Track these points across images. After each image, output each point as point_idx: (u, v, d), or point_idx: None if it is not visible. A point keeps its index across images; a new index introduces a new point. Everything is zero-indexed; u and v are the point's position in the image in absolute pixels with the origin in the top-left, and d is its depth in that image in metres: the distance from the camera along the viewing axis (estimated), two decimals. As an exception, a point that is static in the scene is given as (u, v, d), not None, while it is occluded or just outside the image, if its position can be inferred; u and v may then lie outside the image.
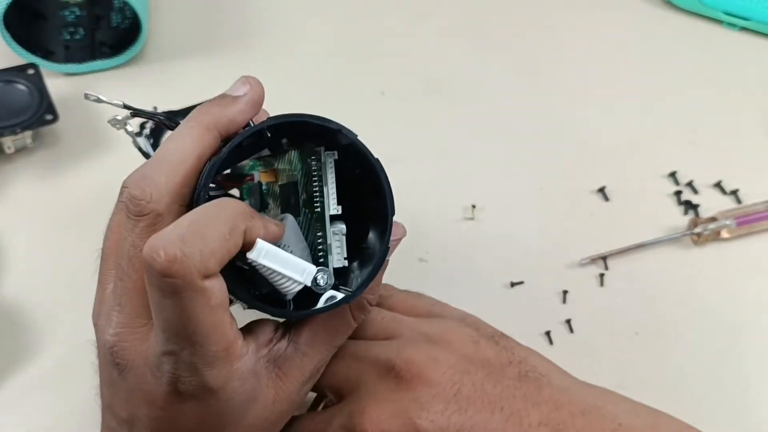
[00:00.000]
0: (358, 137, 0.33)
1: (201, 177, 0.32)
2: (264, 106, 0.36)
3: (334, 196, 0.34)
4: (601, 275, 0.53)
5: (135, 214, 0.31)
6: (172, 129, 0.36)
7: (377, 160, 0.33)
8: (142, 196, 0.30)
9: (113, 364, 0.32)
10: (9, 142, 0.54)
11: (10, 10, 0.56)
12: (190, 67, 0.63)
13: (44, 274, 0.51)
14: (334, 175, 0.34)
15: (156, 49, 0.63)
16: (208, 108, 0.34)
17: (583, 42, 0.67)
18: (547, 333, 0.50)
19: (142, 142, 0.38)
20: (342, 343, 0.36)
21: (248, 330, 0.33)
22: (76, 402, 0.46)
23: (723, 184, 0.58)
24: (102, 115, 0.58)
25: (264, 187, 0.35)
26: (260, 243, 0.30)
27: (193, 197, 0.32)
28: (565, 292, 0.52)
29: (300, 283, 0.32)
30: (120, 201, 0.33)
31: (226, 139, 0.34)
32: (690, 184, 0.58)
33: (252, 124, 0.34)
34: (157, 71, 0.62)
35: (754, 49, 0.68)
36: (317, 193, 0.34)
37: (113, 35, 0.63)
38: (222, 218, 0.29)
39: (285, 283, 0.31)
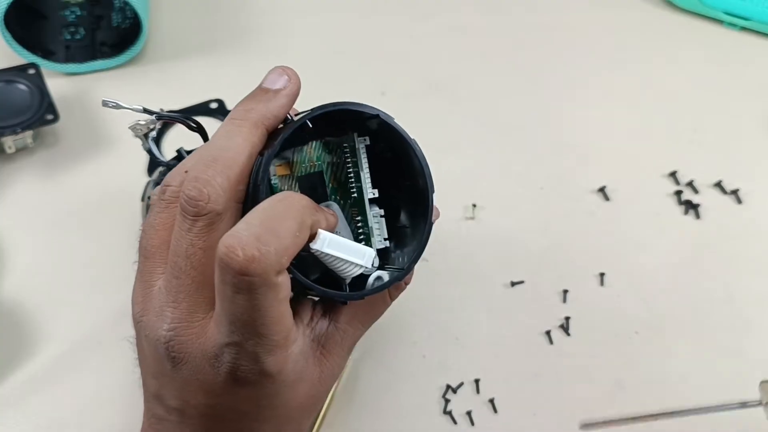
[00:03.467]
0: (395, 119, 0.34)
1: (257, 172, 0.32)
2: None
3: (369, 180, 0.35)
4: (601, 275, 0.53)
5: (193, 214, 0.31)
6: (192, 129, 0.36)
7: (414, 140, 0.34)
8: (200, 197, 0.31)
9: (168, 358, 0.32)
10: (10, 142, 0.54)
11: (10, 10, 0.56)
12: (190, 67, 0.63)
13: (44, 274, 0.51)
14: (367, 160, 0.35)
15: (156, 49, 0.63)
16: (252, 104, 0.34)
17: (583, 42, 0.67)
18: (547, 332, 0.50)
19: (151, 143, 0.38)
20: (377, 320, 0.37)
21: (293, 311, 0.33)
22: (76, 402, 0.46)
23: (723, 184, 0.58)
24: (102, 115, 0.58)
25: (274, 182, 0.35)
26: (322, 233, 0.31)
27: (247, 193, 0.33)
28: (565, 292, 0.52)
29: (361, 266, 0.32)
30: (161, 200, 0.33)
31: (270, 133, 0.34)
32: (690, 184, 0.58)
33: (290, 116, 0.34)
34: (157, 71, 0.62)
35: (754, 49, 0.68)
36: (352, 179, 0.35)
37: (114, 35, 0.63)
38: (291, 214, 0.30)
39: (346, 267, 0.32)
